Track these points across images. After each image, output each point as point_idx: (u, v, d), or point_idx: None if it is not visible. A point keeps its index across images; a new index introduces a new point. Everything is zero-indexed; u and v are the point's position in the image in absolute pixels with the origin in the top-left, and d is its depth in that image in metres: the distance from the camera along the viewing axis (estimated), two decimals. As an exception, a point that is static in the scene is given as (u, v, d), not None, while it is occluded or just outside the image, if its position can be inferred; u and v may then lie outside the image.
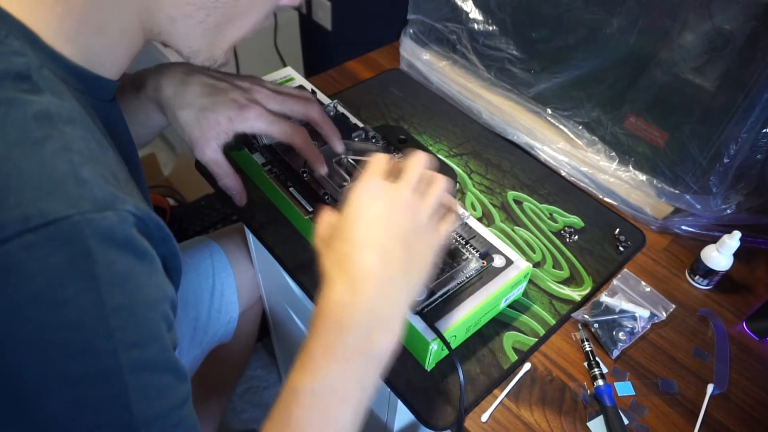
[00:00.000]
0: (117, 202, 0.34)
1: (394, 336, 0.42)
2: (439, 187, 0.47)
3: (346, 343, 0.41)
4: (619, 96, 0.70)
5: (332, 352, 0.41)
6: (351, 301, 0.41)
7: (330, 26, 1.58)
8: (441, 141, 0.81)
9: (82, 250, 0.32)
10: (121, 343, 0.33)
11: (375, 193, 0.44)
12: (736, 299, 0.66)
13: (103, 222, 0.32)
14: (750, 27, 0.56)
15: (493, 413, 0.54)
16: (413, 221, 0.45)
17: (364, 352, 0.41)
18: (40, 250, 0.30)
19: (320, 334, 0.42)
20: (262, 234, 0.67)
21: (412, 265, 0.44)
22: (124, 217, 0.34)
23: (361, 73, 0.94)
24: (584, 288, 0.64)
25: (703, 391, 0.57)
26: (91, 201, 0.32)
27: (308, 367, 0.41)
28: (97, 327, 0.32)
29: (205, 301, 0.84)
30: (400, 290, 0.43)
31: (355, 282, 0.42)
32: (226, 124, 0.59)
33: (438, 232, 0.47)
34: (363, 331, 0.41)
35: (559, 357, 0.59)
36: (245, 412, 1.32)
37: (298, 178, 0.65)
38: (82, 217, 0.32)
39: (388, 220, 0.43)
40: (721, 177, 0.64)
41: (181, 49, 0.47)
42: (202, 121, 0.59)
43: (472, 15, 0.80)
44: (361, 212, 0.44)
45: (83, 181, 0.33)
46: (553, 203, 0.73)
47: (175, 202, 1.50)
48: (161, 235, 0.38)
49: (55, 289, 0.31)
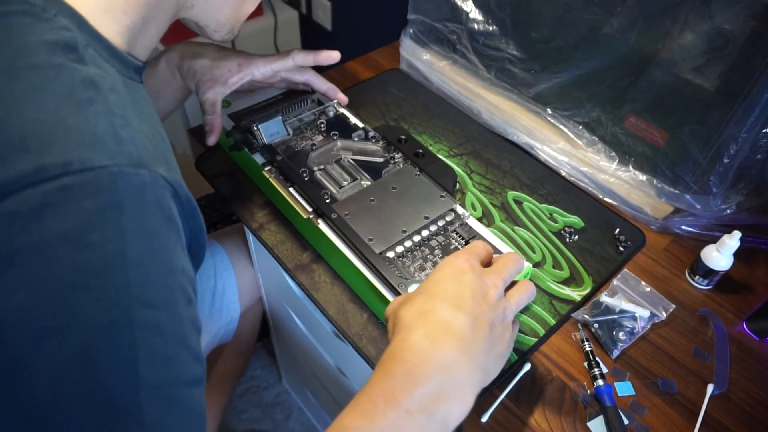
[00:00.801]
0: (152, 164, 0.36)
1: (464, 403, 0.39)
2: (524, 296, 0.47)
3: (413, 395, 0.37)
4: (619, 96, 0.70)
5: (396, 399, 0.37)
6: (429, 350, 0.39)
7: (330, 26, 1.58)
8: (441, 141, 0.81)
9: (115, 200, 0.33)
10: (136, 300, 0.33)
11: (470, 267, 0.43)
12: (736, 299, 0.66)
13: (137, 178, 0.34)
14: (750, 27, 0.56)
15: (493, 413, 0.54)
16: (500, 311, 0.43)
17: (429, 410, 0.37)
18: (76, 193, 0.32)
19: (387, 377, 0.38)
20: (262, 234, 0.67)
21: (493, 346, 0.42)
22: (157, 179, 0.36)
23: (361, 73, 0.94)
24: (584, 288, 0.64)
25: (703, 391, 0.57)
26: (128, 157, 0.35)
27: (364, 408, 0.37)
28: (116, 277, 0.33)
29: (207, 301, 0.84)
30: (481, 362, 0.41)
31: (438, 333, 0.39)
32: (236, 71, 0.69)
33: (514, 334, 0.46)
34: (435, 388, 0.38)
35: (559, 357, 0.59)
36: (245, 412, 1.32)
37: (298, 178, 0.65)
38: (119, 169, 0.34)
39: (479, 293, 0.42)
40: (721, 177, 0.64)
41: (209, 23, 0.52)
42: (215, 68, 0.68)
43: (472, 15, 0.80)
44: (452, 276, 0.43)
45: (122, 140, 0.35)
46: (553, 203, 0.73)
47: (175, 202, 1.50)
48: (190, 209, 0.40)
49: (84, 232, 0.32)
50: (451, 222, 0.61)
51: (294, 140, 0.71)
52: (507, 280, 0.45)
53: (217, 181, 0.72)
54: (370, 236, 0.59)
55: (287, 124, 0.72)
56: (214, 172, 0.73)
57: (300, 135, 0.72)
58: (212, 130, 0.70)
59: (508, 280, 0.46)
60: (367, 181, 0.67)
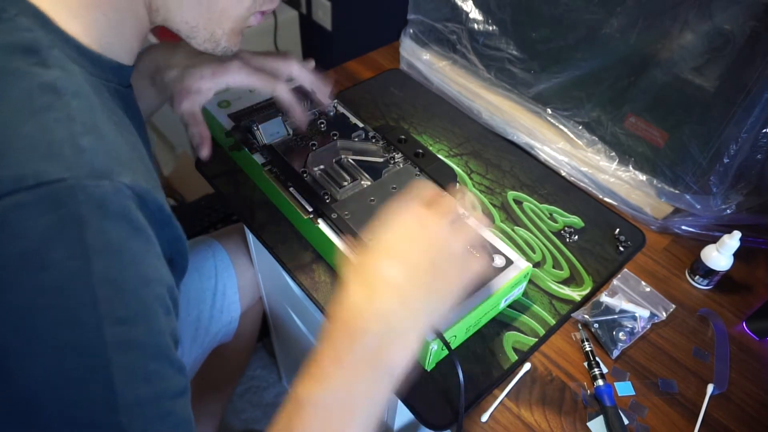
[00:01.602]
0: (115, 173, 0.33)
1: (408, 351, 0.40)
2: (477, 228, 0.46)
3: (357, 352, 0.38)
4: (619, 96, 0.70)
5: (341, 360, 0.38)
6: (366, 307, 0.39)
7: (330, 26, 1.58)
8: (441, 141, 0.81)
9: (74, 214, 0.31)
10: (107, 317, 0.32)
11: (411, 214, 0.43)
12: (736, 299, 0.66)
13: (97, 190, 0.32)
14: (750, 27, 0.56)
15: (493, 413, 0.54)
16: (445, 248, 0.43)
17: (375, 364, 0.39)
18: (32, 210, 0.30)
19: (330, 340, 0.39)
20: (262, 234, 0.67)
21: (438, 287, 0.42)
22: (120, 188, 0.33)
23: (361, 73, 0.94)
24: (584, 288, 0.64)
25: (703, 391, 0.57)
26: (88, 168, 0.32)
27: (314, 374, 0.39)
28: (82, 295, 0.32)
29: (207, 301, 0.84)
30: (421, 306, 0.41)
31: (374, 289, 0.40)
32: (209, 78, 0.61)
33: (470, 267, 0.45)
34: (376, 340, 0.39)
35: (559, 357, 0.59)
36: (245, 412, 1.32)
37: (298, 178, 0.65)
38: (77, 182, 0.32)
39: (419, 239, 0.42)
40: (721, 177, 0.64)
41: (179, 26, 0.47)
42: (186, 77, 0.61)
43: (472, 15, 0.80)
44: (392, 228, 0.43)
45: (82, 149, 0.33)
46: (553, 203, 0.73)
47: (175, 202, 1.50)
48: (162, 218, 0.38)
49: (42, 251, 0.31)
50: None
51: (294, 140, 0.71)
52: (454, 215, 0.45)
53: (217, 181, 0.72)
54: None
55: (287, 124, 0.72)
56: (214, 172, 0.73)
57: (300, 135, 0.72)
58: (201, 141, 0.66)
59: (453, 215, 0.45)
60: (367, 181, 0.67)
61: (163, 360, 0.35)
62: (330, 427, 0.38)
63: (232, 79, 0.62)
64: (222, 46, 0.50)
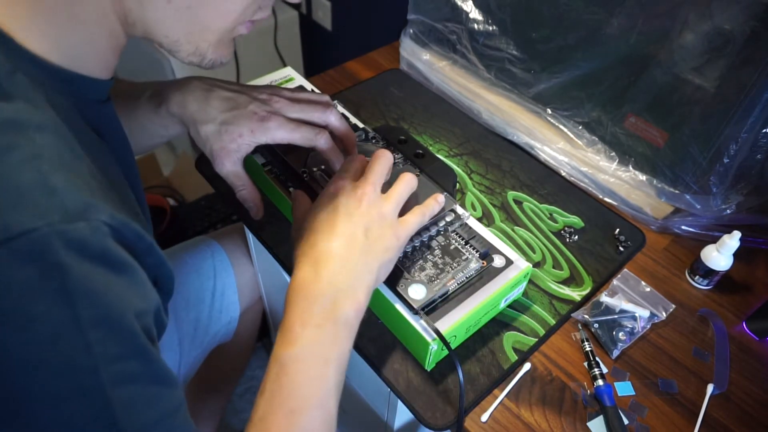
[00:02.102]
0: (90, 211, 0.32)
1: (356, 302, 0.47)
2: (403, 185, 0.53)
3: (316, 311, 0.46)
4: (619, 96, 0.70)
5: (305, 321, 0.45)
6: (315, 278, 0.47)
7: (330, 26, 1.58)
8: (441, 141, 0.81)
9: (53, 263, 0.30)
10: (102, 358, 0.32)
11: (340, 189, 0.51)
12: (736, 299, 0.66)
13: (74, 233, 0.31)
14: (750, 27, 0.56)
15: (493, 413, 0.54)
16: (374, 213, 0.50)
17: (332, 318, 0.46)
18: (7, 266, 0.29)
19: (292, 308, 0.46)
20: (262, 234, 0.67)
21: (373, 247, 0.49)
22: (98, 227, 0.32)
23: (361, 73, 0.94)
24: (584, 288, 0.64)
25: (703, 391, 0.57)
26: (61, 211, 0.31)
27: (287, 338, 0.45)
28: (75, 342, 0.31)
29: (206, 301, 0.84)
30: (360, 266, 0.48)
31: (318, 263, 0.48)
32: (248, 137, 0.59)
33: (404, 223, 0.52)
34: (328, 299, 0.46)
35: (559, 357, 0.59)
36: (245, 412, 1.32)
37: (298, 178, 0.65)
38: (51, 229, 0.30)
39: (350, 211, 0.50)
40: (721, 177, 0.64)
41: (160, 40, 0.44)
42: (224, 134, 0.59)
43: (472, 15, 0.80)
44: (325, 205, 0.51)
45: (53, 189, 0.31)
46: (553, 203, 0.73)
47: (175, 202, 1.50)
48: (143, 246, 0.37)
49: (26, 306, 0.30)
50: (451, 222, 0.61)
51: None
52: (378, 182, 0.52)
53: (218, 181, 0.72)
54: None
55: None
56: (214, 173, 0.73)
57: None
58: (254, 204, 0.64)
59: (380, 181, 0.52)
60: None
61: (160, 383, 0.36)
62: (310, 374, 0.45)
63: (271, 137, 0.59)
64: (208, 59, 0.47)
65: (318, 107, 0.63)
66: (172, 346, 0.79)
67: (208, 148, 0.60)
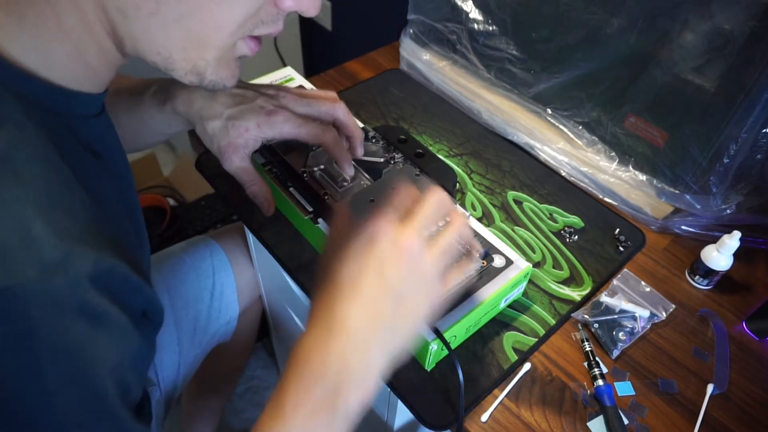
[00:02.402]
0: (70, 261, 0.31)
1: (364, 395, 0.40)
2: (454, 230, 0.43)
3: (314, 396, 0.39)
4: (619, 96, 0.70)
5: (298, 402, 0.39)
6: (323, 349, 0.39)
7: (330, 26, 1.58)
8: (441, 141, 0.81)
9: (24, 323, 0.29)
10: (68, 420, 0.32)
11: (380, 232, 0.41)
12: (736, 299, 0.66)
13: (50, 290, 0.30)
14: (750, 27, 0.56)
15: (493, 413, 0.54)
16: (413, 270, 0.41)
17: (331, 408, 0.39)
18: None
19: (290, 378, 0.40)
20: (262, 234, 0.67)
21: (401, 321, 0.41)
22: (77, 281, 0.31)
23: (361, 73, 0.94)
24: (584, 288, 0.64)
25: (703, 391, 0.57)
26: (37, 266, 0.30)
27: (275, 414, 0.39)
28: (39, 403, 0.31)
29: (205, 301, 0.84)
30: (379, 348, 0.40)
31: (331, 333, 0.40)
32: (255, 131, 0.58)
33: (443, 282, 0.43)
34: (331, 384, 0.39)
35: (559, 357, 0.59)
36: (245, 412, 1.32)
37: (298, 178, 0.65)
38: (26, 288, 0.29)
39: (384, 266, 0.40)
40: (721, 177, 0.64)
41: (153, 57, 0.41)
42: (230, 130, 0.57)
43: (472, 15, 0.80)
44: (359, 251, 0.41)
45: (32, 240, 0.30)
46: (553, 203, 0.73)
47: (175, 202, 1.50)
48: (131, 287, 0.35)
49: None
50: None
51: (294, 140, 0.71)
52: (428, 228, 0.42)
53: (217, 181, 0.72)
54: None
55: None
56: (214, 172, 0.73)
57: None
58: (264, 199, 0.63)
59: (430, 228, 0.42)
60: (367, 181, 0.67)
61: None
62: None
63: (278, 131, 0.58)
64: (209, 80, 0.43)
65: (325, 102, 0.62)
66: (171, 346, 0.79)
67: (216, 145, 0.59)
